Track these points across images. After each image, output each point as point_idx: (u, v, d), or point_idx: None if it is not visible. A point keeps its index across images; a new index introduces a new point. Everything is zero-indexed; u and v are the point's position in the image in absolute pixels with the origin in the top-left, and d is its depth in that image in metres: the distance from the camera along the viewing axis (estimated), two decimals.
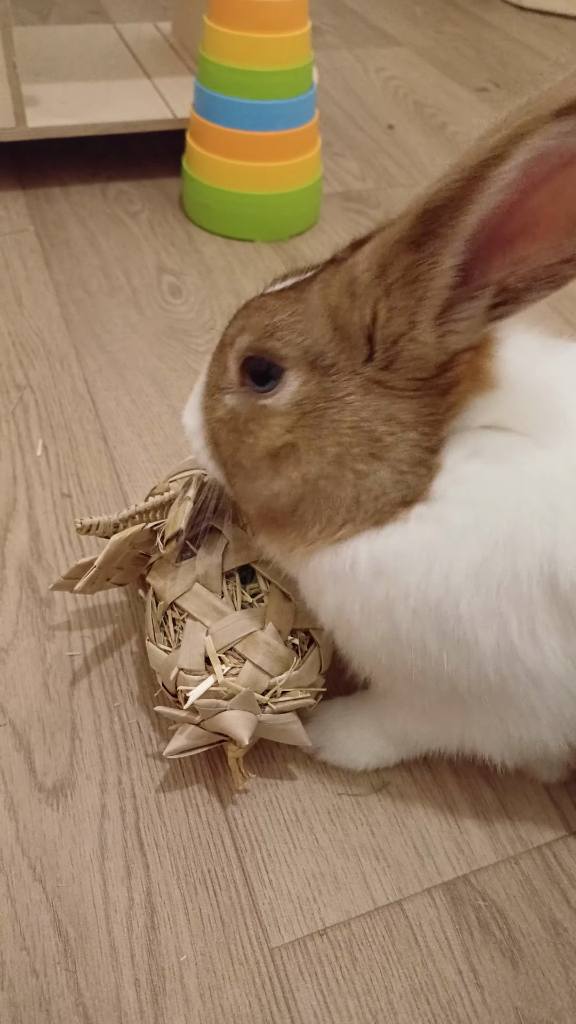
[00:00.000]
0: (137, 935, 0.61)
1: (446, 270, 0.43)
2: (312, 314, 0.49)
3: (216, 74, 1.24)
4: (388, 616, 0.50)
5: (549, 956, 0.61)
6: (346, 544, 0.50)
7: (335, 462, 0.49)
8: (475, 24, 2.35)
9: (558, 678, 0.51)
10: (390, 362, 0.47)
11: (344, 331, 0.48)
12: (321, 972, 0.60)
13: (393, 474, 0.48)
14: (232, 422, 0.54)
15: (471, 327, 0.45)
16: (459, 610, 0.48)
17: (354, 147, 1.66)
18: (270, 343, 0.50)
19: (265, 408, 0.52)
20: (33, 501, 0.92)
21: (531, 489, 0.47)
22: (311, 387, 0.49)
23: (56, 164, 1.49)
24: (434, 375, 0.47)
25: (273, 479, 0.52)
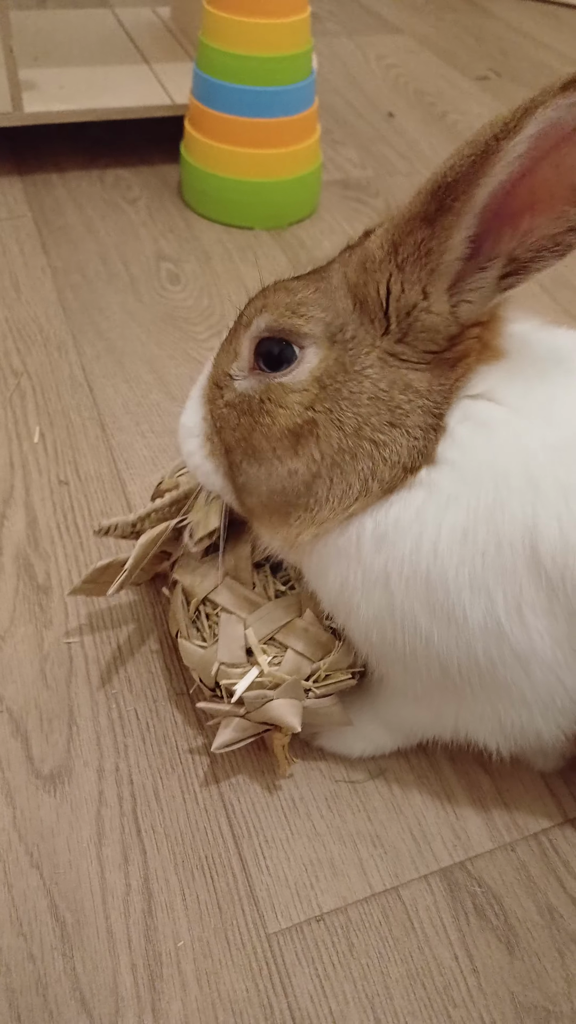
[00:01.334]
0: (134, 921, 0.61)
1: (458, 243, 0.45)
2: (335, 288, 0.51)
3: (215, 59, 1.23)
4: (385, 587, 0.52)
5: (545, 942, 0.62)
6: (354, 521, 0.51)
7: (354, 434, 0.50)
8: (476, 12, 2.33)
9: (546, 663, 0.51)
10: (404, 334, 0.49)
11: (364, 305, 0.50)
12: (318, 957, 0.60)
13: (408, 440, 0.50)
14: (244, 404, 0.55)
15: (482, 297, 0.47)
16: (447, 581, 0.49)
17: (354, 135, 1.65)
18: (292, 320, 0.52)
19: (282, 386, 0.52)
20: (30, 488, 0.91)
21: (513, 461, 0.48)
22: (330, 362, 0.51)
23: (53, 150, 1.48)
24: (445, 347, 0.49)
25: (291, 458, 0.52)
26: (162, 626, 0.80)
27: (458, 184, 0.43)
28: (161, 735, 0.72)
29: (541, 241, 0.44)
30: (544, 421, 0.49)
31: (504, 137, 0.41)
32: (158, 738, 0.72)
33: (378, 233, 0.49)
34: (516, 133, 0.40)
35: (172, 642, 0.79)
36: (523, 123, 0.40)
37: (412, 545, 0.50)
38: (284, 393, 0.52)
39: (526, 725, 0.56)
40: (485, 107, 1.82)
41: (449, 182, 0.43)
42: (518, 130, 0.40)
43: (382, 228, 0.49)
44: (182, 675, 0.76)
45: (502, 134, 0.41)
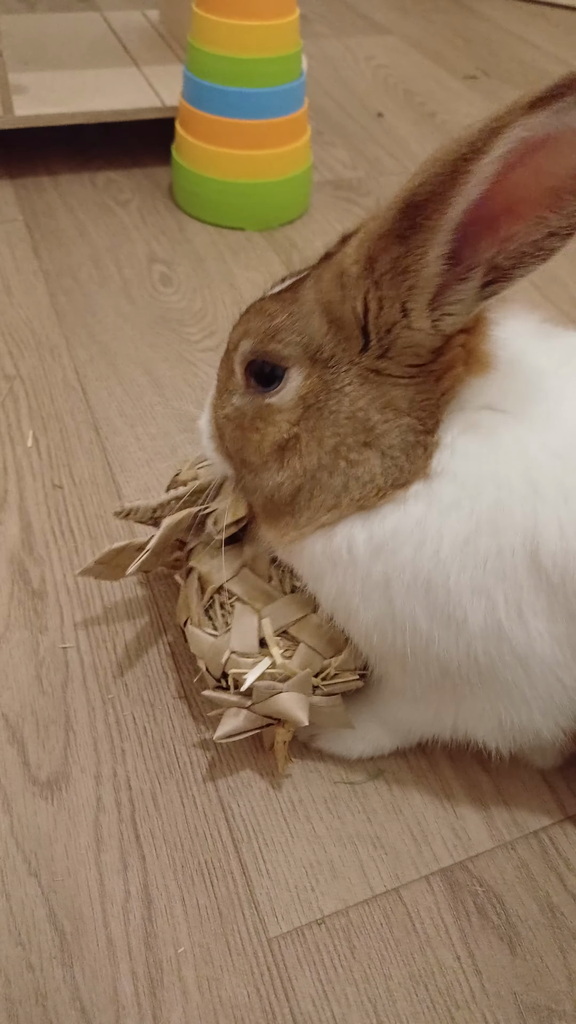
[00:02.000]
0: (134, 928, 0.61)
1: (434, 259, 0.43)
2: (308, 311, 0.50)
3: (205, 62, 1.22)
4: (384, 593, 0.52)
5: (547, 940, 0.61)
6: (337, 529, 0.52)
7: (332, 452, 0.51)
8: (464, 13, 2.34)
9: (545, 662, 0.52)
10: (385, 350, 0.48)
11: (339, 324, 0.49)
12: (319, 961, 0.60)
13: (383, 461, 0.49)
14: (238, 420, 0.56)
15: (464, 308, 0.46)
16: (448, 585, 0.49)
17: (344, 136, 1.65)
18: (271, 346, 0.52)
19: (271, 406, 0.53)
20: (24, 493, 0.91)
21: (514, 468, 0.48)
22: (313, 381, 0.51)
23: (45, 153, 1.48)
24: (429, 360, 0.48)
25: (278, 471, 0.54)
26: (159, 630, 0.80)
27: (428, 203, 0.42)
28: (159, 739, 0.72)
29: (522, 247, 0.43)
30: (544, 426, 0.49)
31: (472, 158, 0.39)
32: (155, 742, 0.71)
33: (352, 246, 0.48)
34: (484, 154, 0.39)
35: (176, 636, 0.78)
36: (491, 143, 0.39)
37: (413, 553, 0.49)
38: (272, 412, 0.53)
39: (525, 723, 0.56)
40: (474, 106, 1.82)
41: (419, 201, 0.42)
42: (486, 150, 0.39)
43: (356, 239, 0.48)
44: (179, 679, 0.76)
45: (470, 154, 0.39)
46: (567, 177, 0.41)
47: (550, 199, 0.41)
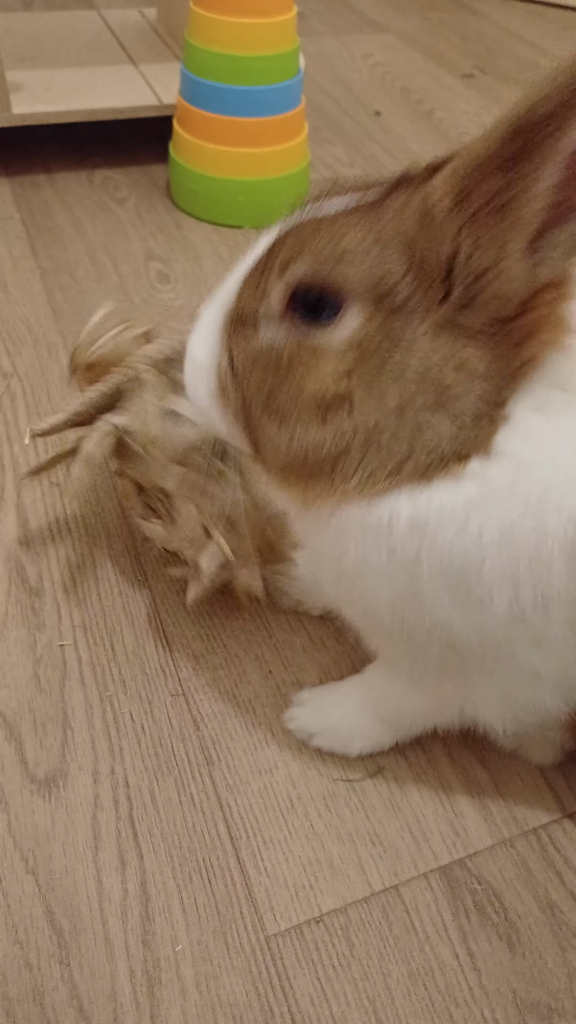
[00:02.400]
0: (132, 926, 0.61)
1: (542, 192, 0.38)
2: (386, 242, 0.43)
3: (202, 60, 1.22)
4: (412, 573, 0.47)
5: (546, 938, 0.61)
6: (383, 499, 0.46)
7: (396, 412, 0.44)
8: (460, 11, 2.33)
9: (559, 643, 0.50)
10: (470, 299, 0.42)
11: (421, 265, 0.42)
12: (318, 959, 0.60)
13: (454, 427, 0.44)
14: (269, 358, 0.47)
15: (564, 254, 0.40)
16: (481, 571, 0.46)
17: (341, 133, 1.65)
18: (337, 269, 0.43)
19: (316, 348, 0.45)
20: (21, 490, 0.91)
21: (570, 453, 0.44)
22: (375, 325, 0.44)
23: (41, 151, 1.47)
24: (515, 315, 0.43)
25: (318, 428, 0.46)
26: (156, 628, 0.80)
27: (545, 123, 0.36)
28: (156, 737, 0.71)
29: None
30: None
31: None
32: (153, 740, 0.71)
33: (443, 175, 0.41)
34: None
35: (172, 632, 0.78)
36: None
37: (453, 536, 0.45)
38: (317, 356, 0.45)
39: (536, 703, 0.54)
40: (471, 104, 1.82)
41: (535, 120, 0.36)
42: None
43: (448, 169, 0.41)
44: (177, 676, 0.76)
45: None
46: None
47: None
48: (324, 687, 0.75)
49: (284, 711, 0.73)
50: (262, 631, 0.80)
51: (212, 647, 0.78)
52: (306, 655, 0.78)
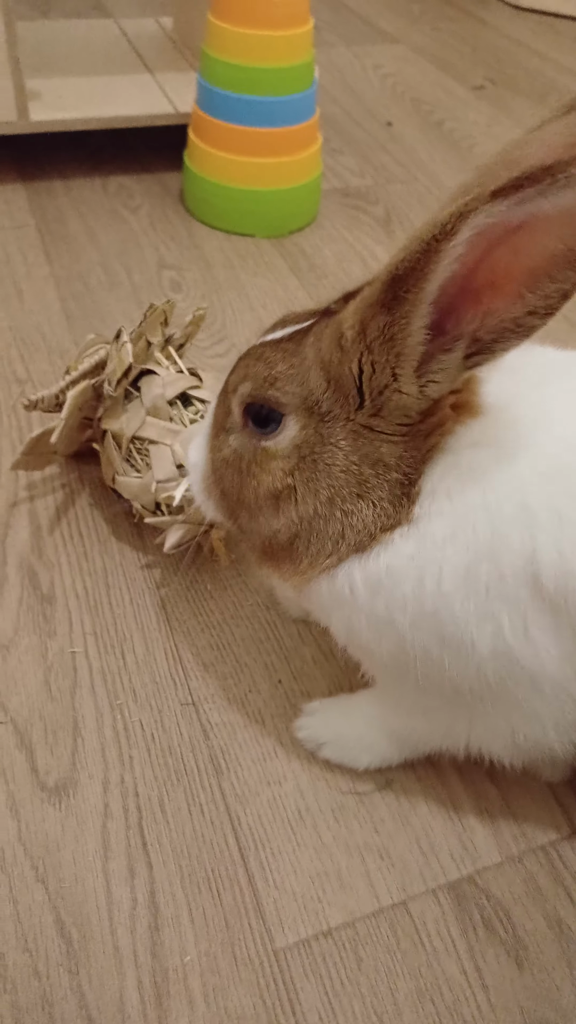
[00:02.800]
0: (140, 936, 0.61)
1: (417, 330, 0.46)
2: (307, 366, 0.52)
3: (219, 70, 1.23)
4: (392, 628, 0.53)
5: (554, 955, 0.61)
6: (339, 570, 0.53)
7: (327, 502, 0.53)
8: (472, 22, 2.34)
9: (556, 679, 0.52)
10: (379, 409, 0.50)
11: (337, 382, 0.51)
12: (326, 973, 0.60)
13: (375, 511, 0.52)
14: (236, 463, 0.57)
15: (448, 377, 0.48)
16: (454, 614, 0.51)
17: (353, 143, 1.65)
18: (270, 392, 0.54)
19: (267, 451, 0.55)
20: (34, 497, 0.91)
21: (503, 495, 0.49)
22: (309, 432, 0.53)
23: (56, 158, 1.48)
24: (418, 420, 0.50)
25: (274, 517, 0.55)
26: (167, 636, 0.80)
27: (408, 277, 0.44)
28: (166, 746, 0.72)
29: (502, 323, 0.44)
30: (528, 452, 0.50)
31: (442, 239, 0.41)
32: (163, 749, 0.71)
33: (350, 310, 0.50)
34: (452, 236, 0.41)
35: (182, 640, 0.79)
36: (458, 227, 0.41)
37: (412, 588, 0.51)
38: (268, 458, 0.55)
39: (540, 739, 0.57)
40: (482, 115, 1.83)
41: (400, 275, 0.44)
42: (454, 233, 0.41)
43: (353, 304, 0.49)
44: (187, 685, 0.76)
45: (440, 235, 0.41)
46: (542, 259, 0.42)
47: (528, 279, 0.43)
48: (335, 698, 0.75)
49: (293, 721, 0.73)
50: (271, 640, 0.80)
51: (222, 656, 0.79)
52: (316, 666, 0.79)
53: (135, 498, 0.81)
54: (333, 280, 1.27)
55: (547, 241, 0.41)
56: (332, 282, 1.27)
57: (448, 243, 0.42)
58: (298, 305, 1.16)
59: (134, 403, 0.82)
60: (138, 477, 0.80)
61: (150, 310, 0.84)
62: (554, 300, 0.43)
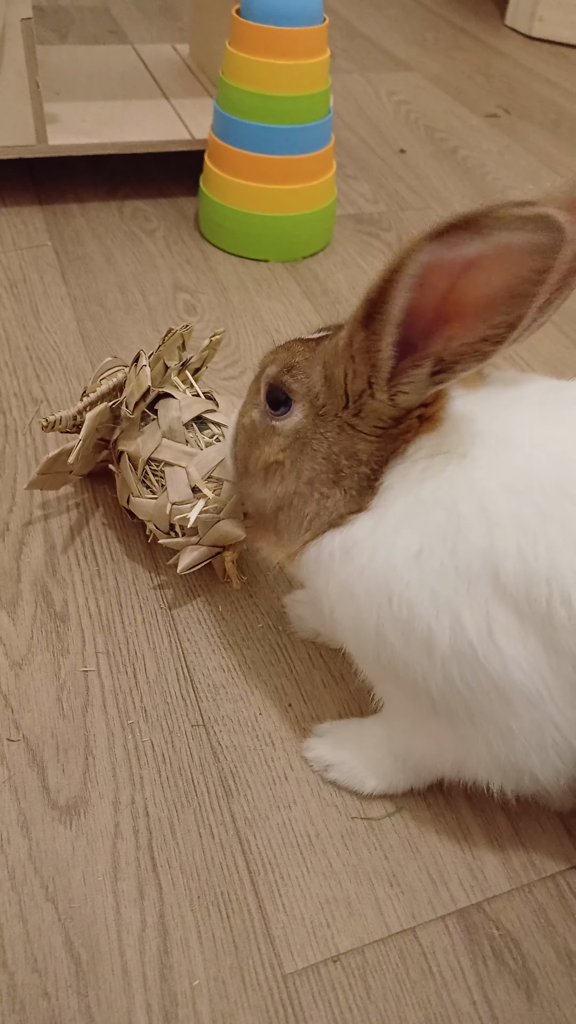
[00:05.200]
0: (149, 958, 0.61)
1: (387, 346, 0.52)
2: (315, 364, 0.60)
3: (235, 98, 1.25)
4: (352, 596, 0.57)
5: (564, 988, 0.61)
6: (322, 539, 0.59)
7: (307, 483, 0.60)
8: (485, 51, 2.38)
9: (528, 696, 0.53)
10: (359, 410, 0.57)
11: (331, 382, 0.58)
12: (335, 1000, 0.60)
13: (345, 497, 0.58)
14: (251, 432, 0.66)
15: (416, 389, 0.54)
16: (408, 596, 0.54)
17: (367, 170, 1.68)
18: (286, 378, 0.61)
19: (274, 428, 0.63)
20: (49, 516, 0.92)
21: (461, 496, 0.53)
22: (308, 420, 0.60)
23: (73, 181, 1.51)
24: (391, 425, 0.57)
25: (263, 487, 0.63)
26: (178, 656, 0.80)
27: (378, 300, 0.50)
28: (176, 767, 0.72)
29: (461, 347, 0.50)
30: (492, 464, 0.54)
31: (396, 271, 0.48)
32: (174, 770, 0.72)
33: (345, 324, 0.56)
34: (402, 270, 0.48)
35: (193, 662, 0.79)
36: (404, 262, 0.47)
37: (368, 558, 0.56)
38: (273, 435, 0.63)
39: (520, 762, 0.57)
40: (495, 143, 1.85)
41: (373, 298, 0.51)
42: (403, 267, 0.48)
43: (348, 320, 0.56)
44: (198, 707, 0.76)
45: (395, 268, 0.48)
46: (490, 293, 0.48)
47: (481, 309, 0.49)
48: (345, 721, 0.76)
49: (303, 743, 0.74)
50: (282, 663, 0.81)
51: (232, 678, 0.79)
52: (326, 690, 0.79)
53: (150, 519, 0.82)
54: (346, 305, 1.29)
55: (492, 277, 0.47)
56: (345, 307, 1.28)
57: (400, 275, 0.48)
58: (311, 329, 1.18)
59: (150, 425, 0.83)
60: (153, 498, 0.82)
61: (168, 334, 0.85)
62: (502, 330, 0.49)
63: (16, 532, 0.90)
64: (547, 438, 0.55)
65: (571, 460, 0.54)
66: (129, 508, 0.85)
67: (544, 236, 0.44)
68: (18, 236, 1.36)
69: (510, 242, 0.45)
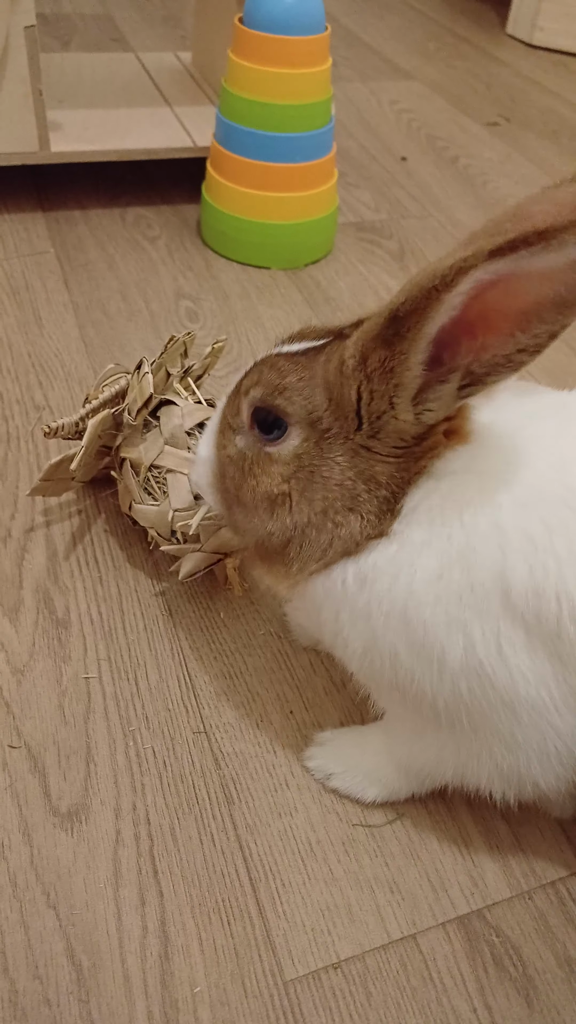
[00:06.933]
0: (151, 965, 0.61)
1: (414, 364, 0.49)
2: (314, 384, 0.55)
3: (238, 106, 1.26)
4: (368, 623, 0.56)
5: (564, 995, 0.61)
6: (333, 569, 0.57)
7: (321, 513, 0.56)
8: (486, 60, 2.40)
9: (534, 706, 0.53)
10: (376, 432, 0.53)
11: (338, 404, 0.54)
12: (335, 1007, 0.60)
13: (362, 523, 0.55)
14: (240, 462, 0.60)
15: (443, 406, 0.51)
16: (424, 618, 0.53)
17: (368, 178, 1.69)
18: (278, 400, 0.56)
19: (269, 455, 0.58)
20: (51, 523, 0.92)
21: (479, 515, 0.52)
22: (310, 444, 0.56)
23: (76, 188, 1.52)
24: (413, 444, 0.54)
25: (268, 520, 0.58)
26: (180, 663, 0.81)
27: (408, 318, 0.47)
28: (178, 774, 0.72)
29: (494, 358, 0.48)
30: (507, 481, 0.53)
31: (443, 289, 0.45)
32: (175, 777, 0.72)
33: (353, 339, 0.53)
34: (452, 288, 0.44)
35: (194, 668, 0.79)
36: (457, 280, 0.44)
37: (389, 584, 0.54)
38: (269, 463, 0.58)
39: (522, 770, 0.57)
40: (496, 152, 1.86)
41: (401, 315, 0.47)
42: (453, 285, 0.44)
43: (355, 336, 0.52)
44: (199, 714, 0.77)
45: (441, 286, 0.45)
46: (534, 303, 0.45)
47: (520, 319, 0.46)
48: (346, 729, 0.76)
49: (304, 752, 0.74)
50: (284, 670, 0.81)
51: (234, 685, 0.79)
52: (328, 697, 0.79)
53: (151, 526, 0.83)
54: (347, 312, 1.30)
55: (539, 288, 0.45)
56: (346, 314, 1.29)
57: (448, 293, 0.45)
58: None
59: (153, 432, 0.84)
60: (155, 505, 0.82)
61: (171, 342, 0.86)
62: (542, 340, 0.46)
63: (18, 538, 0.90)
64: (561, 453, 0.54)
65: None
66: (131, 515, 0.85)
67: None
68: (21, 243, 1.37)
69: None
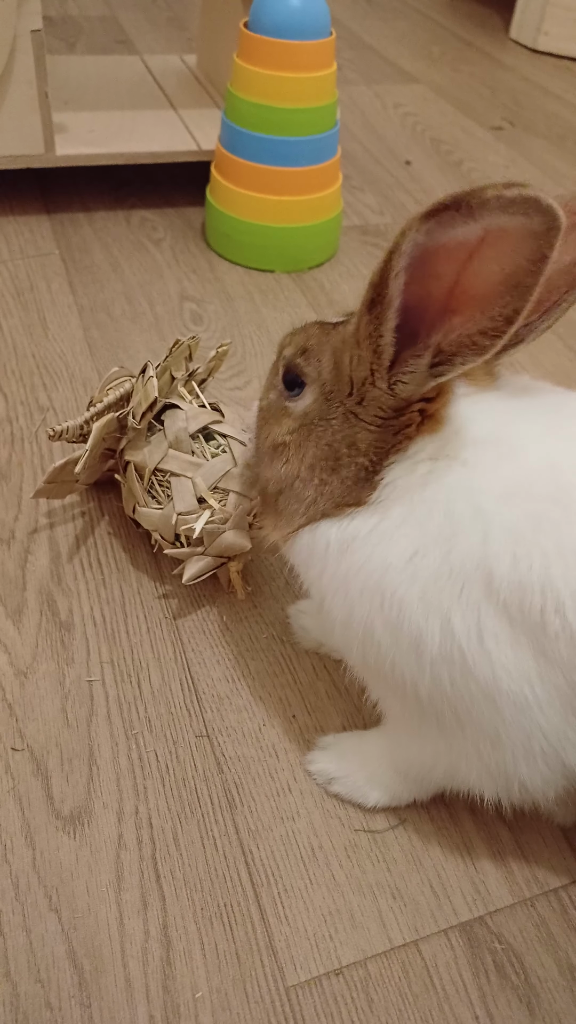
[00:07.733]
0: (152, 969, 0.61)
1: (388, 331, 0.52)
2: (327, 348, 0.60)
3: (243, 110, 1.26)
4: (345, 592, 0.57)
5: (566, 1002, 0.61)
6: (319, 526, 0.60)
7: (308, 468, 0.60)
8: (490, 64, 2.40)
9: (516, 702, 0.53)
10: (361, 398, 0.57)
11: (338, 368, 0.59)
12: (337, 1013, 0.60)
13: (343, 486, 0.58)
14: (267, 412, 0.66)
15: (415, 380, 0.54)
16: (399, 596, 0.54)
17: (372, 182, 1.69)
18: (299, 360, 0.62)
19: (286, 410, 0.63)
20: (54, 524, 0.92)
21: (460, 501, 0.53)
22: (316, 404, 0.60)
23: (81, 190, 1.52)
24: (391, 416, 0.56)
25: (268, 468, 0.64)
26: (183, 667, 0.81)
27: (380, 284, 0.51)
28: (180, 778, 0.72)
29: (460, 338, 0.50)
30: (491, 471, 0.54)
31: (393, 253, 0.48)
32: (177, 781, 0.72)
33: (356, 312, 0.56)
34: (398, 252, 0.48)
35: (197, 672, 0.79)
36: (400, 243, 0.48)
37: (366, 556, 0.56)
38: (284, 416, 0.63)
39: (509, 770, 0.57)
40: (500, 156, 1.86)
41: (375, 281, 0.51)
42: (399, 249, 0.48)
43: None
44: (202, 717, 0.77)
45: (393, 249, 0.49)
46: (488, 284, 0.48)
47: (482, 301, 0.49)
48: (348, 733, 0.76)
49: (306, 756, 0.74)
50: (286, 674, 0.81)
51: (236, 689, 0.79)
52: (330, 701, 0.79)
53: (155, 529, 0.83)
54: None
55: (492, 266, 0.47)
56: None
57: (396, 256, 0.48)
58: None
59: (157, 436, 0.84)
60: (159, 509, 0.82)
61: (175, 345, 0.86)
62: (500, 323, 0.49)
63: (22, 540, 0.90)
64: (550, 450, 0.55)
65: (569, 471, 0.53)
66: (135, 518, 0.85)
67: (536, 220, 0.44)
68: (26, 245, 1.37)
69: (503, 226, 0.45)
